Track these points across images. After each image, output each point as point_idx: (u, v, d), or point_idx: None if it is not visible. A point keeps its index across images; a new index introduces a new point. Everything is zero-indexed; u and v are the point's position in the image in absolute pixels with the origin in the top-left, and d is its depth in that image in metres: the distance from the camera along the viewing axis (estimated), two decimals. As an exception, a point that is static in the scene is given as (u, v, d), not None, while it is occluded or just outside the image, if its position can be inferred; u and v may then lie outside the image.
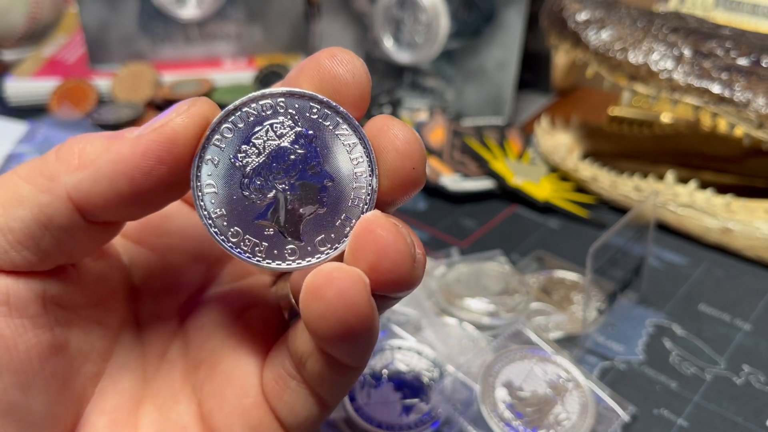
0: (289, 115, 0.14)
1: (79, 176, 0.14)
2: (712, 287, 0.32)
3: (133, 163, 0.13)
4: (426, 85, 0.49)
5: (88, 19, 0.49)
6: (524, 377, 0.25)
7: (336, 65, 0.14)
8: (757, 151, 0.36)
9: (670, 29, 0.34)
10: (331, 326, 0.13)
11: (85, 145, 0.14)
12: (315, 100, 0.14)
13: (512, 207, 0.39)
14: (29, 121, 0.45)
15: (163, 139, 0.13)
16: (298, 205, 0.14)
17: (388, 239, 0.14)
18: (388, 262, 0.14)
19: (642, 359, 0.28)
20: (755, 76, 0.32)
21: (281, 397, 0.16)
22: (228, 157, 0.14)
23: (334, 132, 0.14)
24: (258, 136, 0.14)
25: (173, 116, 0.14)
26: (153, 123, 0.14)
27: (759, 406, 0.26)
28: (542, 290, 0.31)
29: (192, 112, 0.14)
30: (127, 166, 0.13)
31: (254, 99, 0.14)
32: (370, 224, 0.14)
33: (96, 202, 0.14)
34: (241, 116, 0.14)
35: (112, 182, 0.14)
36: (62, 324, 0.15)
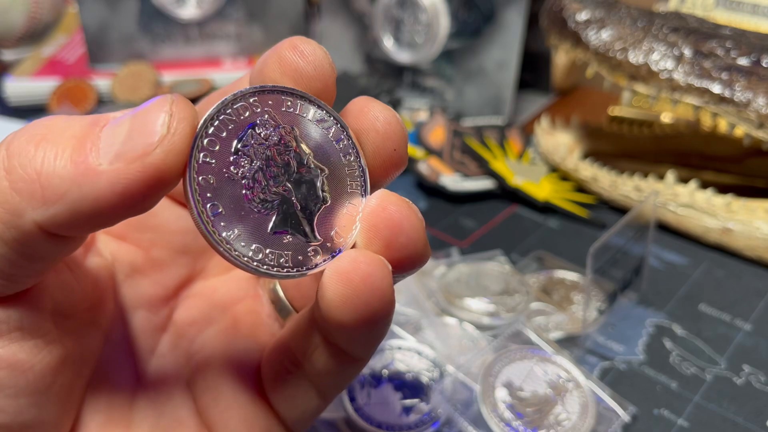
0: (266, 114, 0.14)
1: (49, 212, 0.12)
2: (712, 287, 0.32)
3: (114, 203, 0.12)
4: (426, 85, 0.49)
5: (87, 19, 0.49)
6: (524, 377, 0.25)
7: (297, 58, 0.14)
8: (758, 151, 0.36)
9: (671, 29, 0.34)
10: (357, 310, 0.13)
11: (43, 167, 0.12)
12: (286, 92, 0.14)
13: (512, 207, 0.39)
14: (29, 121, 0.45)
15: (147, 176, 0.12)
16: (305, 203, 0.14)
17: (402, 214, 0.14)
18: (403, 237, 0.13)
19: (642, 359, 0.28)
20: (755, 76, 0.32)
21: (280, 391, 0.16)
22: (222, 172, 0.13)
23: (313, 122, 0.14)
24: (244, 142, 0.13)
25: (154, 141, 0.12)
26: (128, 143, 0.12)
27: (759, 407, 0.26)
28: (542, 290, 0.31)
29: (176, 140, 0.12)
30: (108, 206, 0.12)
31: (227, 104, 0.13)
32: (380, 202, 0.14)
33: (74, 230, 0.12)
34: (222, 124, 0.13)
35: (91, 217, 0.12)
36: (68, 333, 0.15)
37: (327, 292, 0.13)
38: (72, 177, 0.12)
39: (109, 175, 0.11)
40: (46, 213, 0.12)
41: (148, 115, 0.12)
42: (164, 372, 0.17)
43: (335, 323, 0.14)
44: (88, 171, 0.11)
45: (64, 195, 0.12)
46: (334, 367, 0.15)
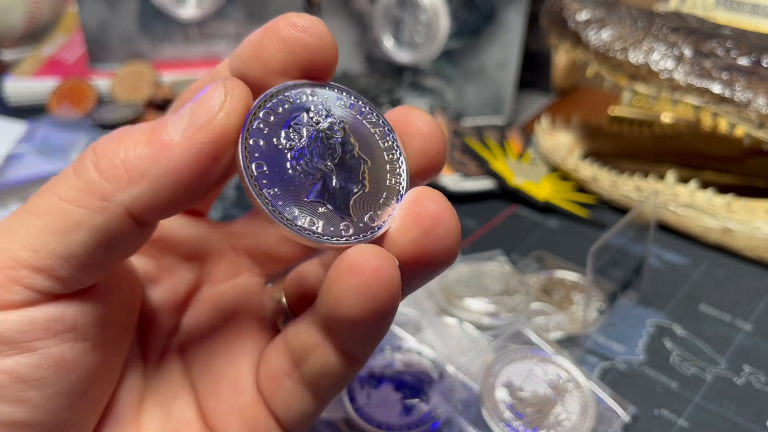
0: (321, 104, 0.15)
1: (136, 191, 0.13)
2: (712, 287, 0.32)
3: (190, 170, 0.13)
4: (426, 84, 0.49)
5: (87, 19, 0.49)
6: (524, 377, 0.25)
7: (301, 34, 0.14)
8: (758, 151, 0.36)
9: (671, 29, 0.34)
10: (364, 301, 0.13)
11: (126, 154, 0.13)
12: (340, 90, 0.16)
13: (512, 207, 0.39)
14: (29, 121, 0.45)
15: (214, 139, 0.13)
16: (344, 184, 0.15)
17: (443, 207, 0.14)
18: (441, 229, 0.14)
19: (642, 359, 0.28)
20: (756, 76, 0.32)
21: (277, 395, 0.16)
22: (272, 140, 0.14)
23: (362, 120, 0.15)
24: (297, 121, 0.15)
25: (215, 110, 0.13)
26: (194, 118, 0.13)
27: (759, 407, 0.26)
28: (542, 290, 0.31)
29: (234, 104, 0.13)
30: (185, 174, 0.13)
31: (288, 87, 0.15)
32: (423, 193, 0.14)
33: (156, 210, 0.14)
34: (279, 102, 0.15)
35: (172, 191, 0.13)
36: (109, 340, 0.16)
37: (335, 283, 0.14)
38: (150, 155, 0.13)
39: (181, 145, 0.13)
40: (132, 193, 0.13)
41: (206, 94, 0.14)
42: (171, 374, 0.18)
43: (341, 316, 0.14)
44: (163, 147, 0.13)
45: (146, 173, 0.13)
46: (332, 367, 0.15)
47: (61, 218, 0.13)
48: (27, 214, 0.14)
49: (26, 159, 0.41)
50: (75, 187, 0.13)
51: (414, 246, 0.14)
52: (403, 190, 0.15)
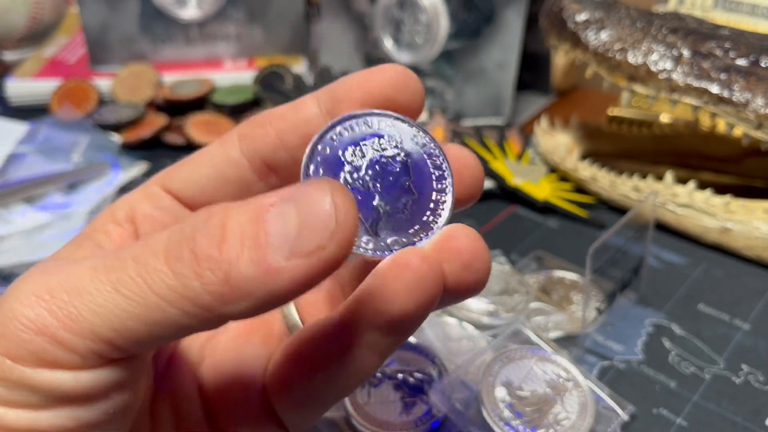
0: (395, 135, 0.16)
1: (237, 307, 0.13)
2: (711, 287, 0.32)
3: (293, 291, 0.13)
4: (426, 85, 0.49)
5: (88, 20, 0.49)
6: (524, 377, 0.25)
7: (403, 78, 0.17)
8: (756, 151, 0.36)
9: (670, 30, 0.34)
10: (419, 295, 0.14)
11: (231, 270, 0.13)
12: (417, 127, 0.17)
13: (512, 207, 0.39)
14: (30, 122, 0.45)
15: (323, 267, 0.13)
16: (383, 207, 0.16)
17: (479, 244, 0.15)
18: (478, 263, 0.15)
19: (641, 359, 0.28)
20: (754, 76, 0.32)
21: (286, 399, 0.17)
22: (338, 151, 0.15)
23: (427, 159, 0.17)
24: (366, 143, 0.16)
25: (326, 240, 0.13)
26: (302, 241, 0.13)
27: (758, 406, 0.26)
28: (542, 290, 0.31)
29: (345, 234, 0.13)
30: (287, 295, 0.13)
31: (373, 114, 0.16)
32: (464, 230, 0.15)
33: (245, 316, 0.13)
34: (359, 123, 0.16)
35: (268, 306, 0.13)
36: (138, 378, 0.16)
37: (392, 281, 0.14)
38: (257, 278, 0.13)
39: (289, 272, 0.13)
40: (234, 309, 0.13)
41: (312, 206, 0.13)
42: (182, 382, 0.18)
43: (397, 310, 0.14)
44: (270, 271, 0.13)
45: (250, 294, 0.13)
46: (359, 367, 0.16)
47: (155, 314, 0.13)
48: (114, 291, 0.13)
49: (28, 159, 0.42)
50: (172, 288, 0.13)
51: (452, 278, 0.15)
52: (437, 229, 0.16)
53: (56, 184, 0.39)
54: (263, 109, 0.51)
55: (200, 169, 0.18)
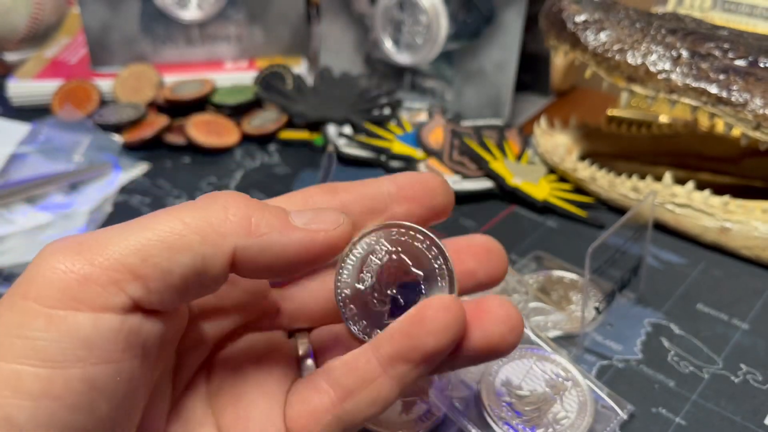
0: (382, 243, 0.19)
1: (251, 242, 0.16)
2: (709, 287, 0.32)
3: (297, 251, 0.16)
4: (426, 86, 0.49)
5: (90, 21, 0.50)
6: (523, 376, 0.25)
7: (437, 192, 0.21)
8: (755, 151, 0.36)
9: (668, 30, 0.34)
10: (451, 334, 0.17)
11: (261, 216, 0.16)
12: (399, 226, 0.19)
13: (511, 207, 0.39)
14: (32, 122, 0.46)
15: (325, 241, 0.17)
16: (407, 298, 0.19)
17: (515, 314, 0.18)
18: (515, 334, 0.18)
19: (640, 358, 0.28)
20: (753, 77, 0.32)
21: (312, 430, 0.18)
22: (355, 284, 0.19)
23: (412, 242, 0.19)
24: (367, 263, 0.19)
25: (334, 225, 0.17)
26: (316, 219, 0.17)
27: (756, 405, 0.26)
28: (541, 290, 0.31)
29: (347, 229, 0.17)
30: (292, 252, 0.16)
31: (362, 236, 0.19)
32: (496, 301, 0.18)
33: (253, 266, 0.16)
34: (357, 250, 0.19)
35: (276, 258, 0.16)
36: (163, 361, 0.17)
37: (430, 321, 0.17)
38: (276, 225, 0.16)
39: (302, 231, 0.16)
40: (247, 242, 0.16)
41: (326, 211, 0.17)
42: (195, 404, 0.18)
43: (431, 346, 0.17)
44: (288, 225, 0.16)
45: (265, 234, 0.16)
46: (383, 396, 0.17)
47: (177, 239, 0.15)
48: (143, 228, 0.15)
49: (29, 159, 0.42)
50: (199, 217, 0.15)
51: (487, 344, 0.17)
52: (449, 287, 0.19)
53: (57, 184, 0.39)
54: (264, 110, 0.51)
55: None
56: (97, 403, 0.14)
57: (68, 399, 0.14)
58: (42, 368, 0.13)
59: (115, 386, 0.14)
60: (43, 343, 0.14)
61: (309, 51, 0.55)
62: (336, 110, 0.46)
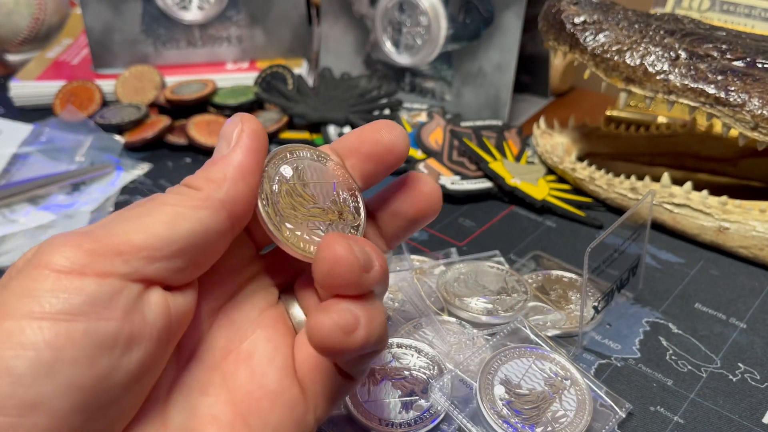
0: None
1: (224, 188, 0.18)
2: (707, 286, 0.33)
3: (248, 162, 0.18)
4: (425, 87, 0.50)
5: (92, 23, 0.50)
6: (522, 375, 0.26)
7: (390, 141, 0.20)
8: (752, 151, 0.36)
9: (667, 31, 0.34)
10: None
11: (206, 173, 0.18)
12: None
13: (510, 207, 0.39)
14: (34, 123, 0.46)
15: (251, 137, 0.18)
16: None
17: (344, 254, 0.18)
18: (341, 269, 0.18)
19: (638, 357, 0.28)
20: (750, 77, 0.32)
21: (315, 378, 0.19)
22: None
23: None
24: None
25: (237, 129, 0.19)
26: (228, 136, 0.19)
27: (754, 403, 0.26)
28: (540, 289, 0.31)
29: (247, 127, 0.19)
30: (247, 165, 0.18)
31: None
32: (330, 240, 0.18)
33: (240, 201, 0.18)
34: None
35: (243, 181, 0.18)
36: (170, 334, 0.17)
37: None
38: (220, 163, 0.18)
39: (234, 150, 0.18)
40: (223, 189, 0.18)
41: (226, 129, 0.19)
42: (199, 371, 0.18)
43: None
44: (224, 157, 0.18)
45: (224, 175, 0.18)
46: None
47: (171, 214, 0.17)
48: (138, 217, 0.17)
49: (31, 160, 0.42)
50: (179, 194, 0.17)
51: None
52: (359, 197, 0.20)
53: (59, 184, 0.39)
54: (264, 111, 0.51)
55: None
56: (98, 359, 0.15)
57: (69, 351, 0.14)
58: (45, 321, 0.14)
59: (116, 344, 0.15)
60: (49, 299, 0.14)
61: (309, 52, 0.55)
62: (336, 111, 0.46)
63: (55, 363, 0.14)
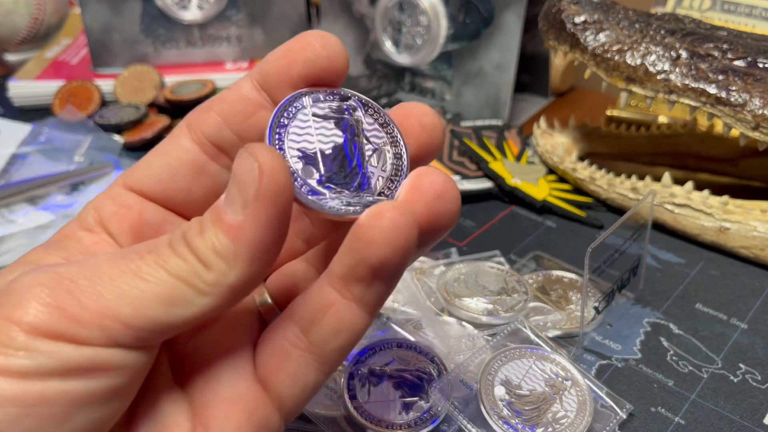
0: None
1: (237, 271, 0.15)
2: (708, 286, 0.32)
3: (269, 237, 0.15)
4: (425, 86, 0.50)
5: (91, 22, 0.50)
6: (522, 375, 0.25)
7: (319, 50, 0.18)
8: (753, 151, 0.36)
9: (667, 31, 0.34)
10: (395, 240, 0.15)
11: (215, 244, 0.15)
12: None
13: (511, 207, 0.39)
14: (33, 123, 0.46)
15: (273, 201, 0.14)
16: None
17: (446, 178, 0.16)
18: (450, 194, 0.16)
19: (639, 358, 0.28)
20: (751, 77, 0.32)
21: (282, 369, 0.17)
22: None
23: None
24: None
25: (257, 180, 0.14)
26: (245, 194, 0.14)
27: (755, 404, 0.26)
28: (540, 290, 0.31)
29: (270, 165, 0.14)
30: (268, 242, 0.15)
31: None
32: (428, 170, 0.16)
33: (252, 284, 0.15)
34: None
35: (263, 258, 0.15)
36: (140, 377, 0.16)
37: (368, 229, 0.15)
38: (230, 241, 0.15)
39: (250, 221, 0.15)
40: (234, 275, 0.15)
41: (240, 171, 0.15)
42: (160, 376, 0.18)
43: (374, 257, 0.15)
44: (233, 228, 0.15)
45: (237, 255, 0.15)
46: (347, 323, 0.16)
47: (173, 291, 0.15)
48: (135, 277, 0.15)
49: (30, 160, 0.42)
50: (184, 269, 0.15)
51: (429, 209, 0.16)
52: (406, 169, 0.17)
53: (58, 184, 0.39)
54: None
55: (155, 162, 0.19)
56: (73, 416, 0.14)
57: (41, 409, 0.14)
58: (16, 380, 0.13)
59: (92, 402, 0.14)
60: (21, 362, 0.14)
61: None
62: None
63: (23, 419, 0.13)
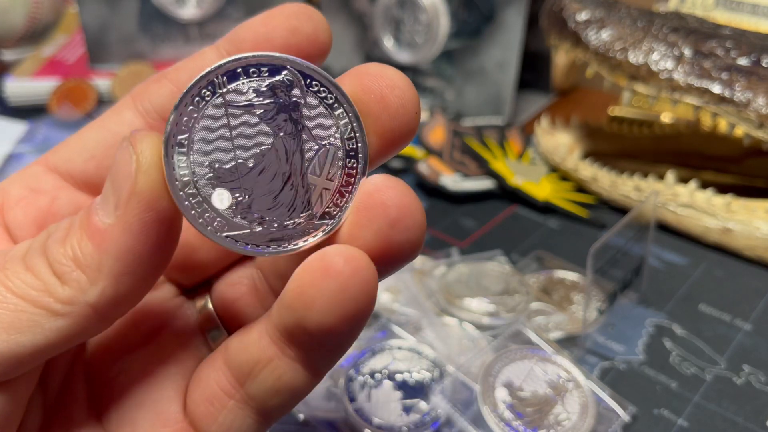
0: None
1: (99, 287, 0.12)
2: (712, 287, 0.32)
3: (140, 246, 0.12)
4: (426, 85, 0.49)
5: (88, 20, 0.49)
6: (524, 377, 0.25)
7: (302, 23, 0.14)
8: (757, 151, 0.36)
9: (671, 29, 0.34)
10: (342, 307, 0.12)
11: (75, 253, 0.12)
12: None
13: (512, 207, 0.39)
14: (29, 121, 0.45)
15: (146, 205, 0.12)
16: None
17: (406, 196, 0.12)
18: (409, 220, 0.12)
19: (642, 359, 0.28)
20: (755, 76, 0.32)
21: (215, 419, 0.15)
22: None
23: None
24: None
25: (133, 175, 0.12)
26: (117, 192, 0.12)
27: (759, 406, 0.26)
28: (542, 290, 0.31)
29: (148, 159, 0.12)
30: (137, 252, 0.12)
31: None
32: (382, 182, 0.13)
33: (123, 300, 0.13)
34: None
35: (133, 274, 0.12)
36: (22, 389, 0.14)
37: (307, 288, 0.12)
38: (95, 249, 0.12)
39: (119, 226, 0.12)
40: (96, 290, 0.12)
41: (117, 161, 0.12)
42: (77, 410, 0.15)
43: (314, 324, 0.12)
44: (102, 234, 0.12)
45: (100, 267, 0.12)
46: (288, 382, 0.14)
47: (15, 315, 0.12)
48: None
49: (26, 159, 0.41)
50: (32, 286, 0.12)
51: (379, 240, 0.12)
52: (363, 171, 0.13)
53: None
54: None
55: (89, 136, 0.16)
56: None
57: None
58: None
59: None
60: None
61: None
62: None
63: None
